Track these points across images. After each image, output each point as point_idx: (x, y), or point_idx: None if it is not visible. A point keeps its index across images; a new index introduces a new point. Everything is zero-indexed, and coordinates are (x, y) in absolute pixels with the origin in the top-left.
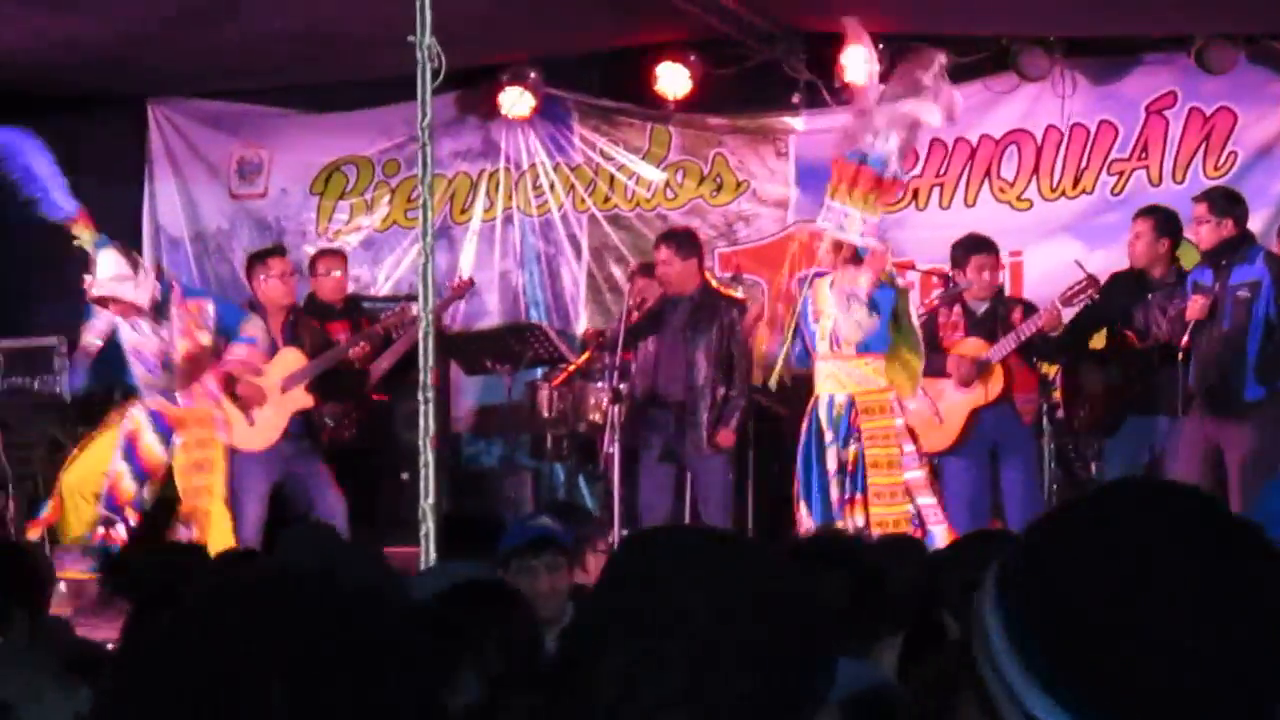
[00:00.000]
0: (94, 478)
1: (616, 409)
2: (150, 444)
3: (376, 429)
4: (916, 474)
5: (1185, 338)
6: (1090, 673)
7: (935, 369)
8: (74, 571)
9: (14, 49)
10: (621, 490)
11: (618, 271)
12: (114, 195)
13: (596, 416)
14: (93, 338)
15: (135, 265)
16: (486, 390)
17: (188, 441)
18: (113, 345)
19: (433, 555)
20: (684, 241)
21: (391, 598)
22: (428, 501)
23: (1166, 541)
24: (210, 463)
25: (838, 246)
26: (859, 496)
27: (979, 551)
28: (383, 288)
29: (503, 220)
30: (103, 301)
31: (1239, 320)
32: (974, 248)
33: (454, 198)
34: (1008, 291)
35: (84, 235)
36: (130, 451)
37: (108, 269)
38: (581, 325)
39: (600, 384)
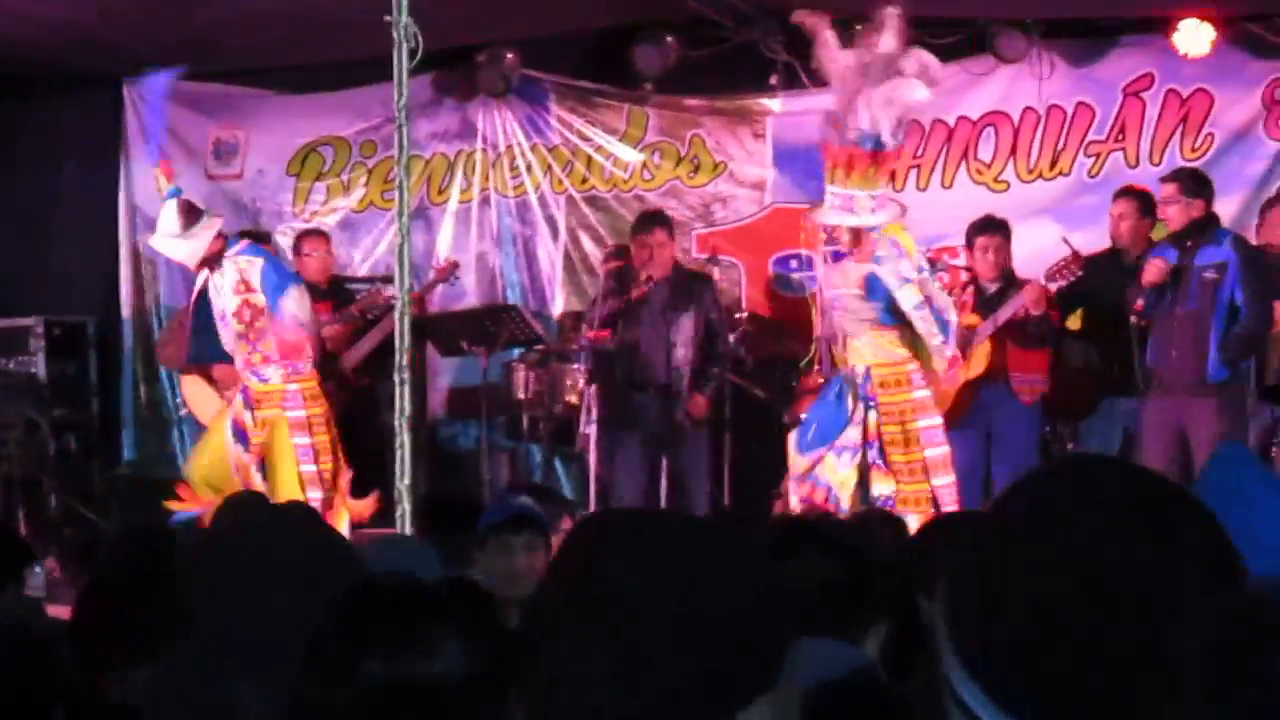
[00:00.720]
0: (218, 466)
1: (592, 389)
2: (248, 422)
3: (358, 412)
4: (936, 451)
5: (1140, 301)
6: (1022, 674)
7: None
8: None
9: None
10: (599, 471)
11: (594, 252)
12: (91, 176)
13: (573, 397)
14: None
15: (191, 221)
16: (463, 372)
17: (261, 420)
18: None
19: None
20: (665, 220)
21: None
22: (403, 482)
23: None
24: (268, 447)
25: (855, 232)
26: (881, 467)
27: (950, 535)
28: (360, 269)
29: (480, 201)
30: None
31: (1205, 301)
32: (980, 229)
33: (431, 179)
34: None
35: (160, 183)
36: (240, 434)
37: (163, 225)
38: (558, 306)
39: (576, 365)
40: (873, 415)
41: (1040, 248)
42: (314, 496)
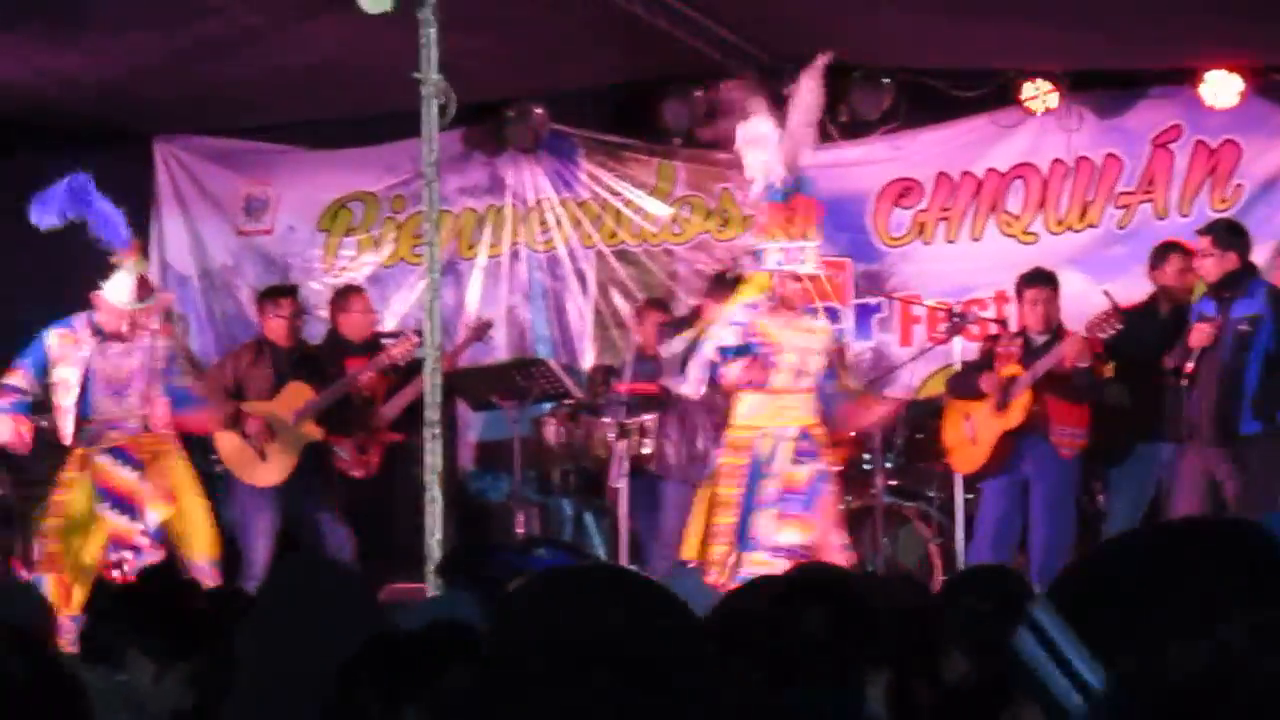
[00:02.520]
0: (93, 548)
1: (623, 443)
2: (124, 478)
3: (393, 466)
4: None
5: (1190, 364)
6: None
7: (975, 393)
8: None
9: (18, 84)
10: (629, 524)
11: (624, 307)
12: None
13: (603, 451)
14: (24, 379)
15: (142, 296)
16: (493, 425)
17: (150, 470)
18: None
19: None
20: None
21: None
22: (434, 537)
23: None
24: (176, 489)
25: (800, 282)
26: (804, 514)
27: (986, 586)
28: (389, 324)
29: (509, 256)
30: (113, 311)
31: (1239, 353)
32: (1029, 281)
33: (460, 234)
34: (1013, 326)
35: (130, 262)
36: (108, 494)
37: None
38: (589, 360)
39: (607, 418)
40: (804, 469)
41: (1069, 299)
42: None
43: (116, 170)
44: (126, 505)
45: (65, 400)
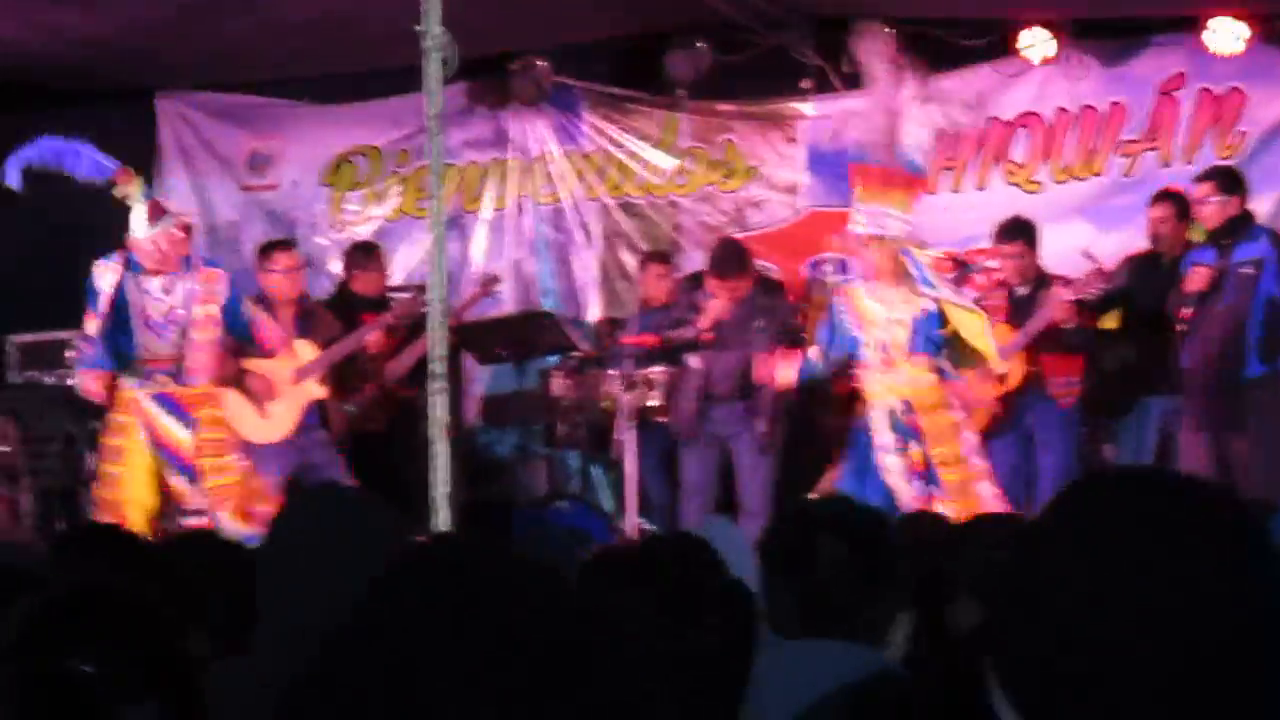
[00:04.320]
0: (142, 491)
1: (630, 396)
2: (169, 428)
3: (402, 420)
4: (979, 465)
5: (1187, 310)
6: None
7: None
8: None
9: (21, 42)
10: (636, 477)
11: (630, 259)
12: None
13: (609, 404)
14: (93, 323)
15: (155, 220)
16: (499, 379)
17: (204, 420)
18: (118, 319)
19: None
20: (746, 263)
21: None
22: (440, 490)
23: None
24: (227, 444)
25: (883, 250)
26: (936, 494)
27: (990, 534)
28: (395, 278)
29: (514, 209)
30: (138, 245)
31: (1242, 297)
32: (1002, 234)
33: (465, 187)
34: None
35: (129, 190)
36: (159, 445)
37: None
38: (594, 313)
39: (613, 371)
40: (916, 445)
41: (1075, 248)
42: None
43: (120, 127)
44: (185, 466)
45: (90, 329)
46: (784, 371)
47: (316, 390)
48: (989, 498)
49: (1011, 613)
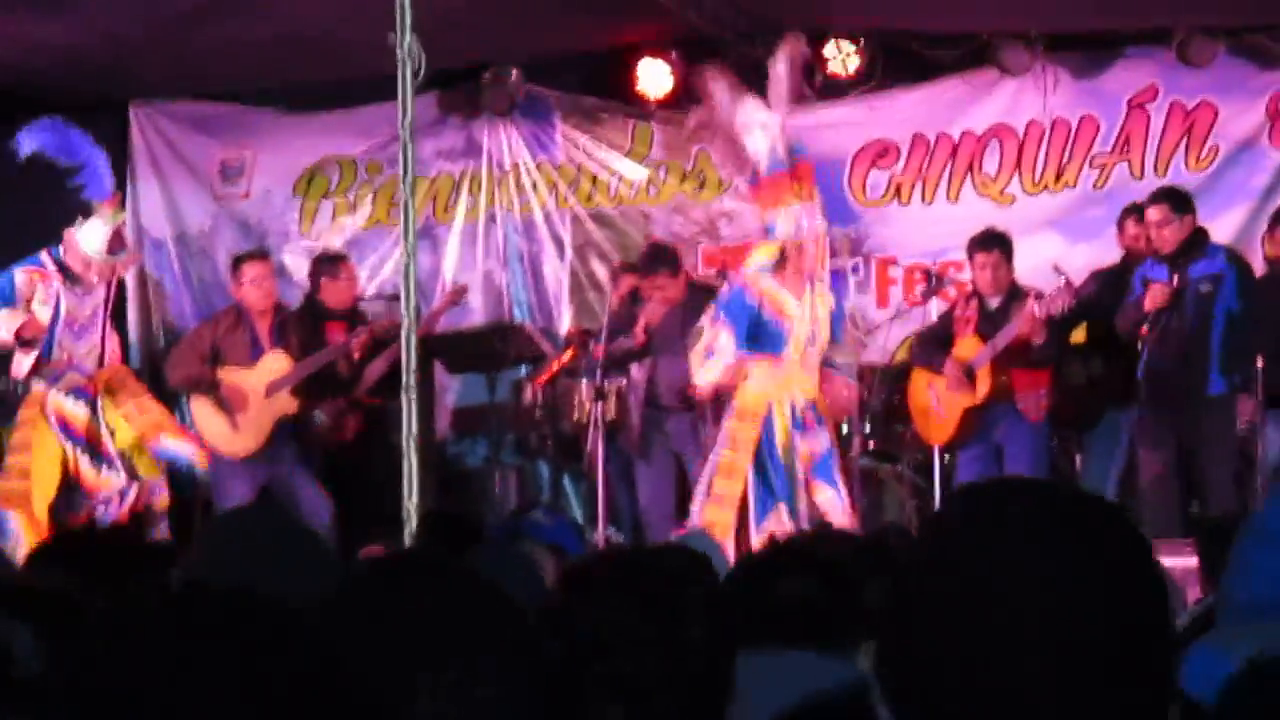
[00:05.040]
0: (48, 482)
1: (600, 406)
2: (74, 413)
3: (373, 430)
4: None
5: (1144, 328)
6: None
7: (935, 367)
8: None
9: None
10: (606, 488)
11: (601, 269)
12: None
13: (580, 415)
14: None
15: (114, 249)
16: (471, 390)
17: (108, 382)
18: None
19: None
20: (671, 259)
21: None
22: (411, 501)
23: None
24: (162, 424)
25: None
26: (827, 485)
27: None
28: (367, 288)
29: (486, 219)
30: (82, 260)
31: (1202, 313)
32: (977, 245)
33: (437, 197)
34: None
35: (108, 215)
36: (70, 434)
37: (90, 237)
38: (566, 324)
39: (584, 382)
40: (819, 437)
41: (1046, 260)
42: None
43: (92, 136)
44: (96, 452)
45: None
46: (703, 374)
47: (287, 404)
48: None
49: (891, 626)
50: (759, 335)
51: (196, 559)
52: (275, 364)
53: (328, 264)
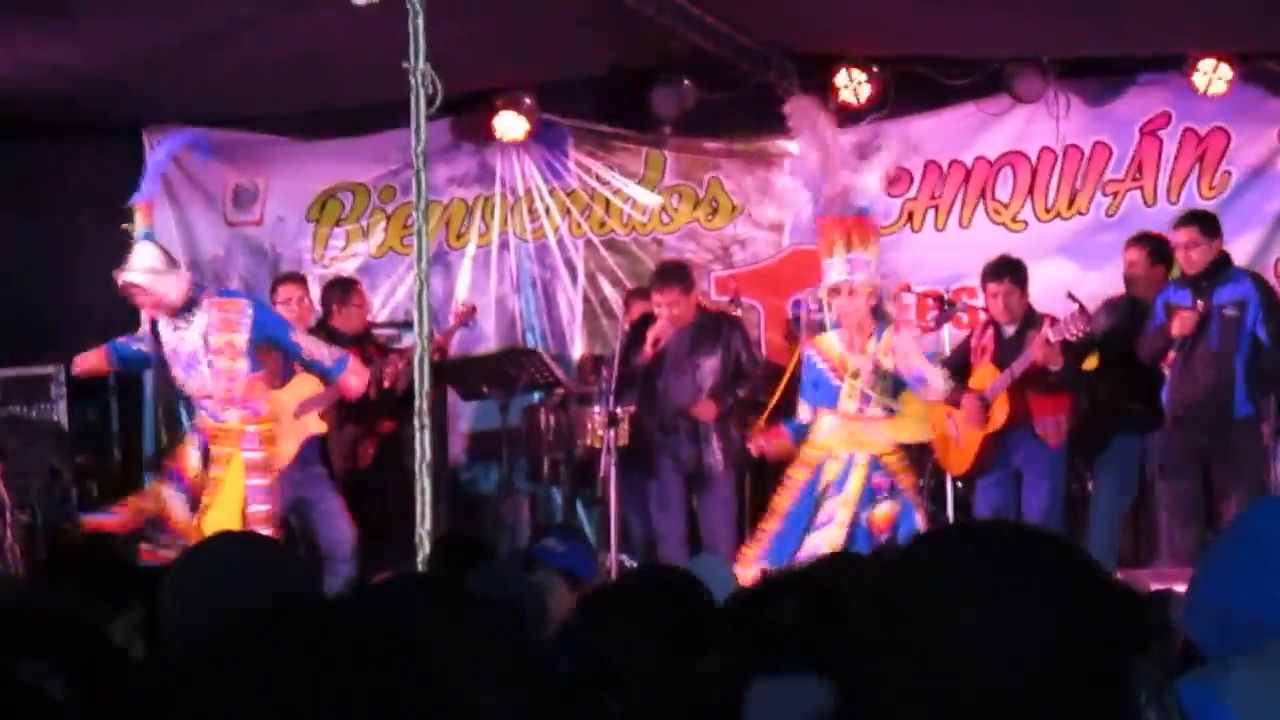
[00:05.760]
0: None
1: (613, 432)
2: (194, 462)
3: (389, 456)
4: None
5: (1172, 352)
6: None
7: (953, 400)
8: None
9: (7, 77)
10: (619, 513)
11: (614, 295)
12: (111, 222)
13: (593, 440)
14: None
15: (173, 263)
16: (483, 415)
17: (215, 457)
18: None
19: None
20: (684, 276)
21: None
22: (424, 527)
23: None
24: (219, 482)
25: (858, 297)
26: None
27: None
28: (380, 314)
29: (498, 245)
30: (128, 291)
31: (1227, 338)
32: (991, 273)
33: (450, 223)
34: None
35: (138, 222)
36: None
37: (145, 260)
38: (578, 349)
39: (597, 407)
40: (886, 505)
41: (1059, 286)
42: None
43: (106, 162)
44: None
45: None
46: (775, 445)
47: (315, 425)
48: None
49: (846, 664)
50: (817, 386)
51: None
52: (306, 386)
53: (338, 290)
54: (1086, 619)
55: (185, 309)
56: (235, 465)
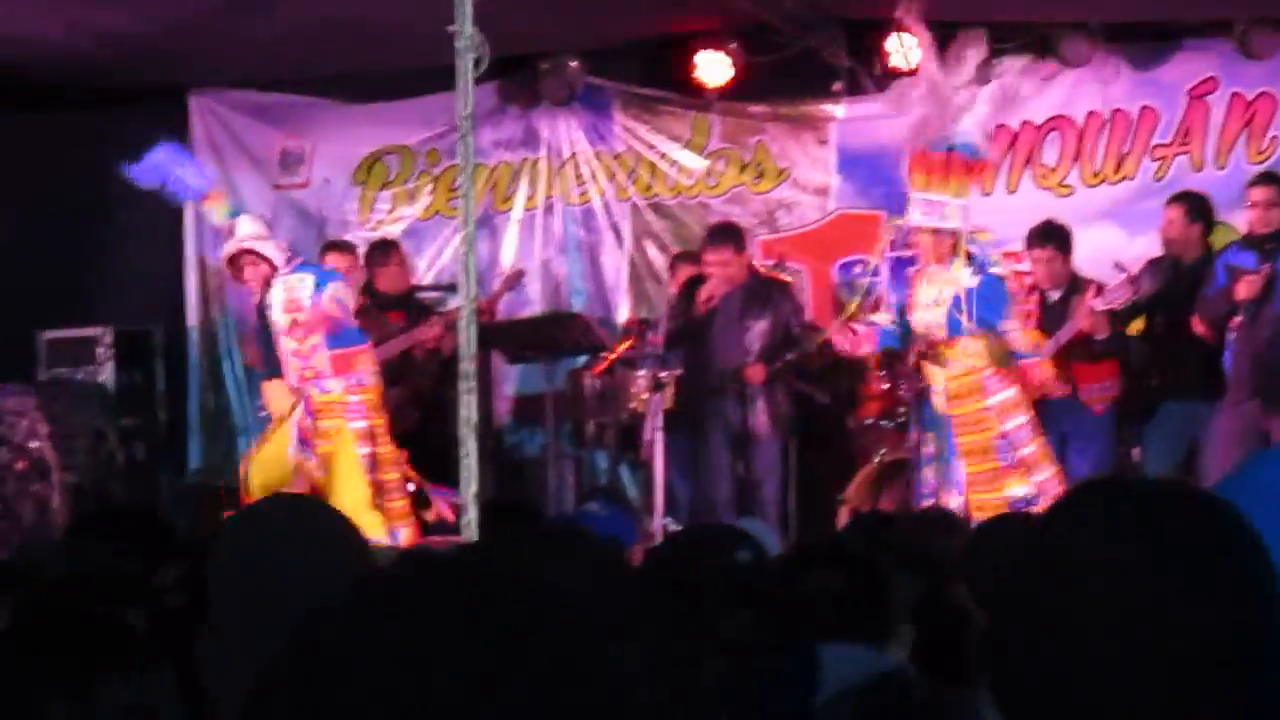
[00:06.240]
0: (275, 470)
1: (658, 396)
2: (307, 427)
3: (429, 420)
4: (1027, 450)
5: (1237, 317)
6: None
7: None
8: None
9: (54, 42)
10: (664, 477)
11: (659, 260)
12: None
13: (638, 404)
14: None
15: (269, 228)
16: (529, 379)
17: (324, 431)
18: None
19: None
20: (737, 236)
21: None
22: (470, 490)
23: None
24: (332, 455)
25: (938, 238)
26: (952, 491)
27: (1003, 536)
28: (425, 277)
29: (544, 209)
30: (235, 261)
31: None
32: (1036, 239)
33: (495, 187)
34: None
35: (217, 208)
36: (305, 441)
37: (247, 229)
38: (623, 314)
39: (642, 371)
40: (937, 432)
41: (1105, 251)
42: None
43: (153, 125)
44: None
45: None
46: (860, 341)
47: None
48: (1048, 481)
49: (1009, 624)
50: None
51: (225, 546)
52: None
53: (378, 252)
54: (1253, 592)
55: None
56: (346, 439)
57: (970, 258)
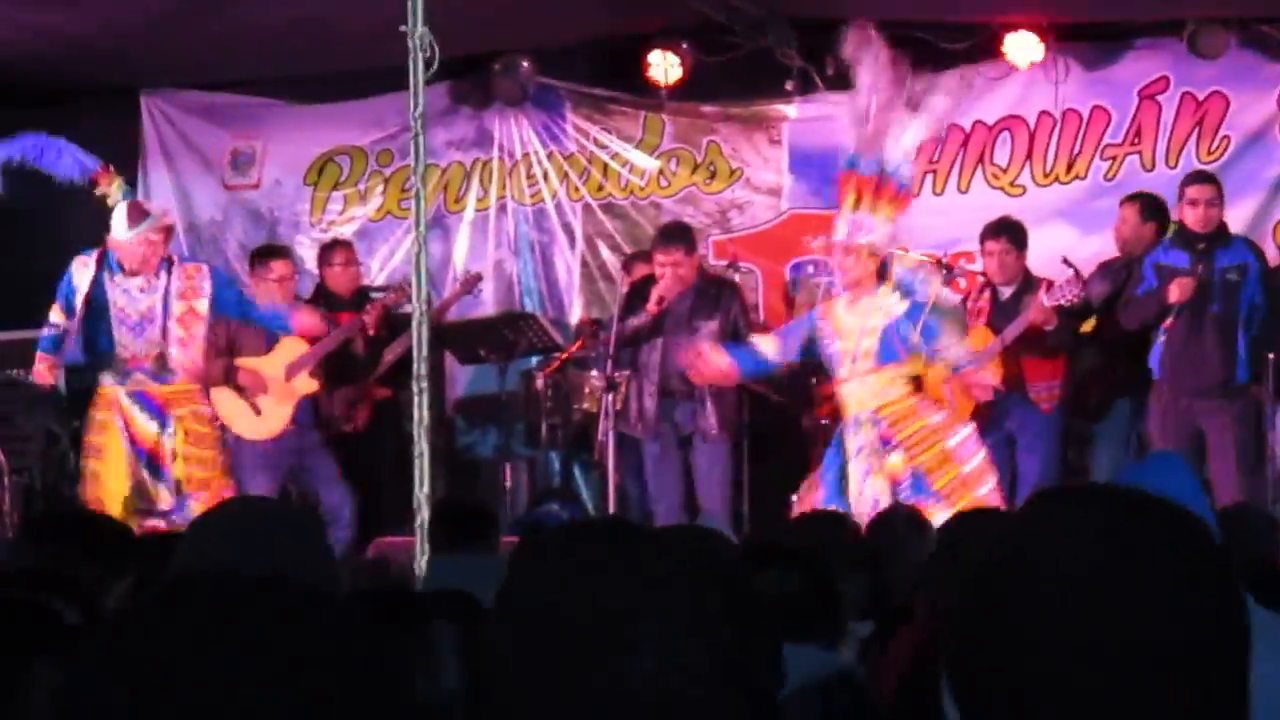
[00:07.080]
0: (120, 485)
1: (611, 396)
2: (144, 426)
3: (384, 420)
4: (973, 464)
5: (1170, 319)
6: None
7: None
8: None
9: (6, 42)
10: (616, 478)
11: (611, 260)
12: None
13: (591, 404)
14: (59, 314)
15: (135, 222)
16: (481, 380)
17: (182, 417)
18: (93, 317)
19: (426, 544)
20: (688, 237)
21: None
22: (422, 491)
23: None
24: (209, 438)
25: (864, 261)
26: (929, 503)
27: (960, 536)
28: (377, 278)
29: (496, 209)
30: (119, 246)
31: (1229, 304)
32: (990, 232)
33: (448, 187)
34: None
35: (110, 189)
36: (135, 443)
37: (134, 217)
38: (576, 314)
39: (594, 372)
40: (896, 456)
41: (1057, 251)
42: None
43: (104, 126)
44: (157, 465)
45: (55, 319)
46: (715, 360)
47: (307, 385)
48: (989, 495)
49: (970, 633)
50: (822, 358)
51: (188, 548)
52: (293, 347)
53: (325, 252)
54: (1223, 601)
55: (158, 269)
56: (213, 424)
57: (897, 283)
